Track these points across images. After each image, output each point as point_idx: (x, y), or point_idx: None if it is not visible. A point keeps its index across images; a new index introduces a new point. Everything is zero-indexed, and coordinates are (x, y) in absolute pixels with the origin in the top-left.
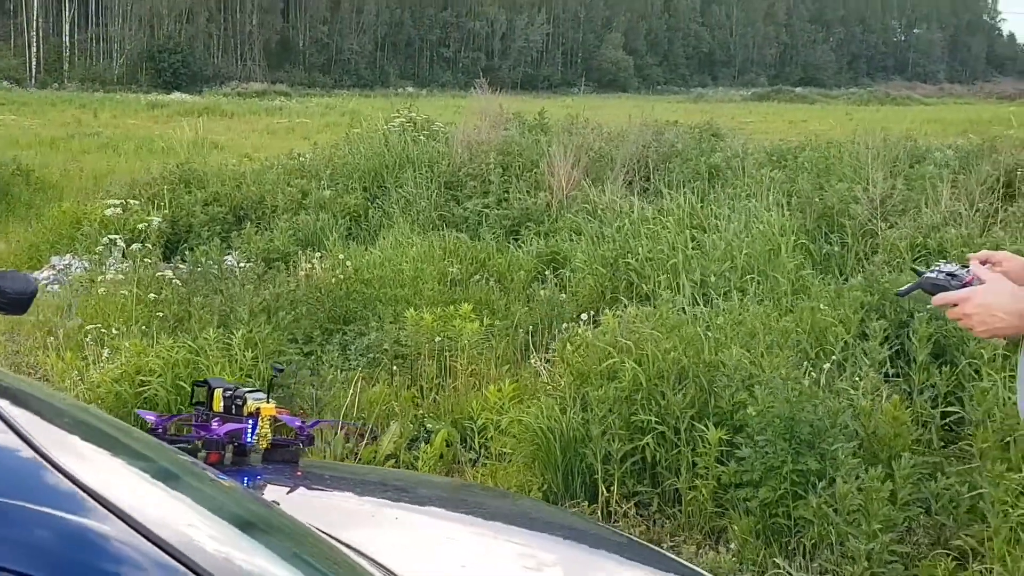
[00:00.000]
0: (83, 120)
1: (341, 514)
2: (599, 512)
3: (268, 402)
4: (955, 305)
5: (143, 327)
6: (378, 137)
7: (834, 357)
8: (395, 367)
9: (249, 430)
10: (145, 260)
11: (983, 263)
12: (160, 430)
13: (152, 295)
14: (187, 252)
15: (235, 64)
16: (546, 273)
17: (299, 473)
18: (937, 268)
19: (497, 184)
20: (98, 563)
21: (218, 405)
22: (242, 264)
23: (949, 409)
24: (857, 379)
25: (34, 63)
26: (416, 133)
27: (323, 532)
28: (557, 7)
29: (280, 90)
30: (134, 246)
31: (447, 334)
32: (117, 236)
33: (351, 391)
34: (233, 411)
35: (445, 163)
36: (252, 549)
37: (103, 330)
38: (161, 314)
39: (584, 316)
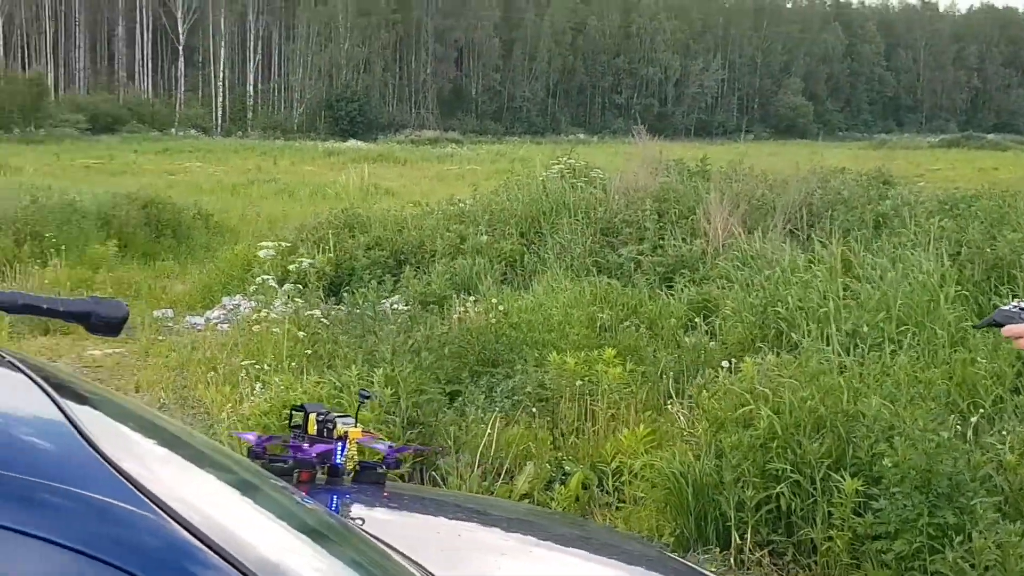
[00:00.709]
0: (263, 167)
1: (423, 534)
2: (731, 560)
3: (355, 426)
4: (1021, 337)
5: (293, 364)
6: (536, 183)
7: (982, 410)
8: (535, 409)
9: (338, 452)
10: (296, 300)
11: None
12: (259, 450)
13: (301, 333)
14: (346, 294)
15: (409, 112)
16: (696, 320)
17: (385, 495)
18: (1015, 304)
19: (652, 231)
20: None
21: (312, 428)
22: (395, 306)
23: None
24: (1005, 433)
25: (220, 112)
26: (575, 179)
27: (400, 552)
28: (733, 52)
29: (452, 137)
30: (286, 286)
31: (590, 378)
32: (269, 276)
33: (488, 430)
34: (324, 434)
35: (602, 209)
36: (315, 560)
37: (256, 366)
38: (309, 352)
39: (726, 363)
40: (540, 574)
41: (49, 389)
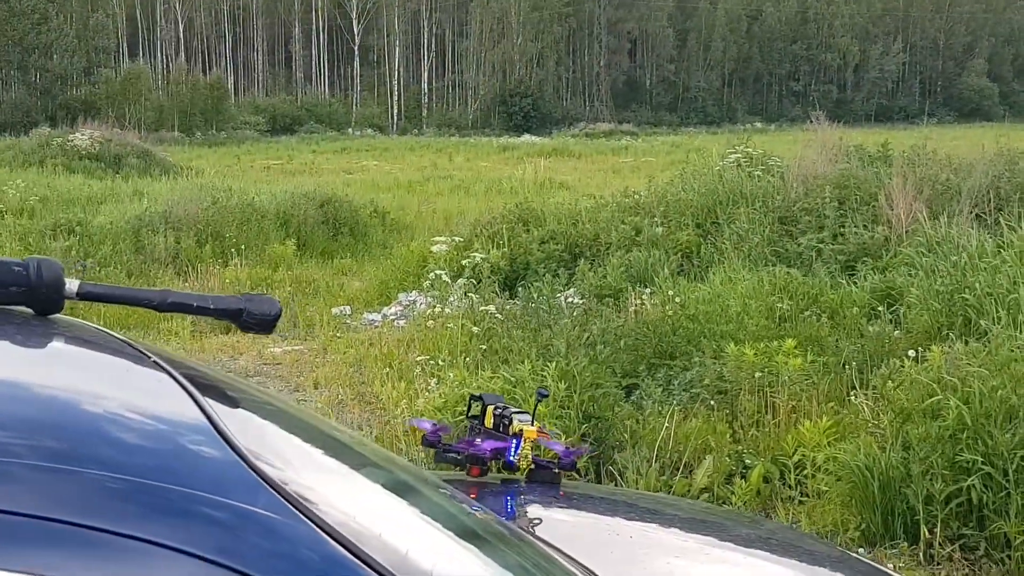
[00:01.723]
0: (438, 163)
1: (598, 536)
2: (920, 555)
3: (531, 425)
4: None
5: (467, 359)
6: (712, 173)
7: None
8: (714, 402)
9: (512, 449)
10: (470, 295)
11: None
12: (434, 438)
13: (475, 328)
14: (521, 289)
15: (583, 105)
16: (879, 309)
17: (561, 494)
18: None
19: (832, 218)
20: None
21: (489, 421)
22: (570, 300)
23: None
24: None
25: (395, 111)
26: (752, 168)
27: (570, 556)
28: (914, 35)
29: (627, 130)
30: (459, 281)
31: (770, 370)
32: (443, 271)
33: (666, 424)
34: (500, 428)
35: (779, 198)
36: (477, 568)
37: (431, 362)
38: (484, 347)
39: (911, 352)
40: None
41: (192, 389)
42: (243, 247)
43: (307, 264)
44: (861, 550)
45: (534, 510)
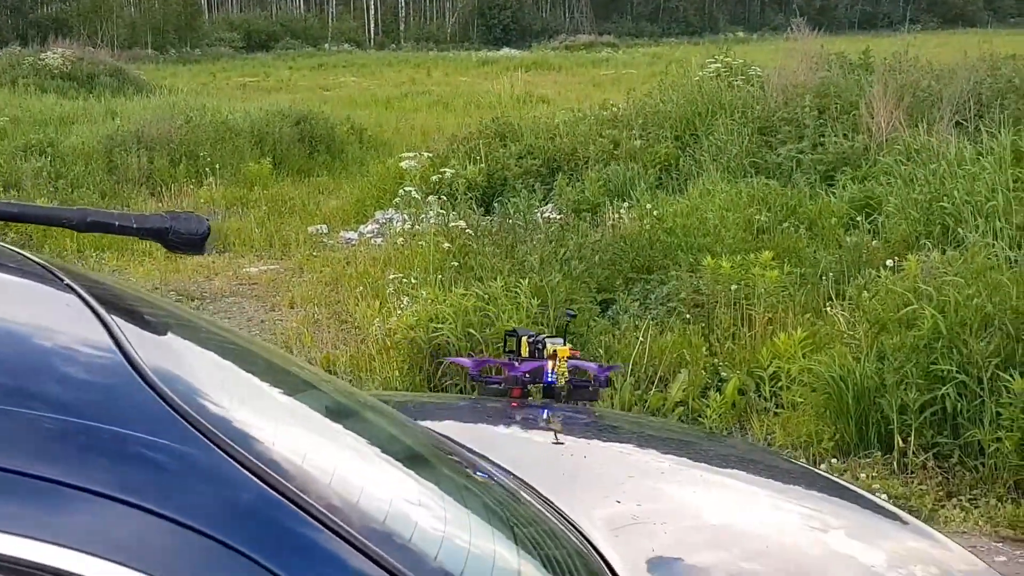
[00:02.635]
0: (417, 79)
1: (625, 460)
2: (894, 464)
3: (564, 345)
4: None
5: (440, 277)
6: (691, 84)
7: None
8: (690, 315)
9: (549, 370)
10: (442, 211)
11: None
12: (476, 373)
13: (447, 245)
14: (497, 205)
15: (563, 17)
16: (858, 219)
17: (595, 416)
18: None
19: (812, 128)
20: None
21: (525, 350)
22: (547, 215)
23: None
24: None
25: (372, 25)
26: (732, 78)
27: (522, 480)
28: None
29: (607, 41)
30: (431, 198)
31: (746, 282)
32: (412, 188)
33: (641, 338)
34: (536, 355)
35: (759, 108)
36: (396, 488)
37: (404, 280)
38: (456, 264)
39: (889, 262)
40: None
41: (103, 313)
42: (218, 166)
43: (283, 183)
44: (835, 460)
45: (565, 428)
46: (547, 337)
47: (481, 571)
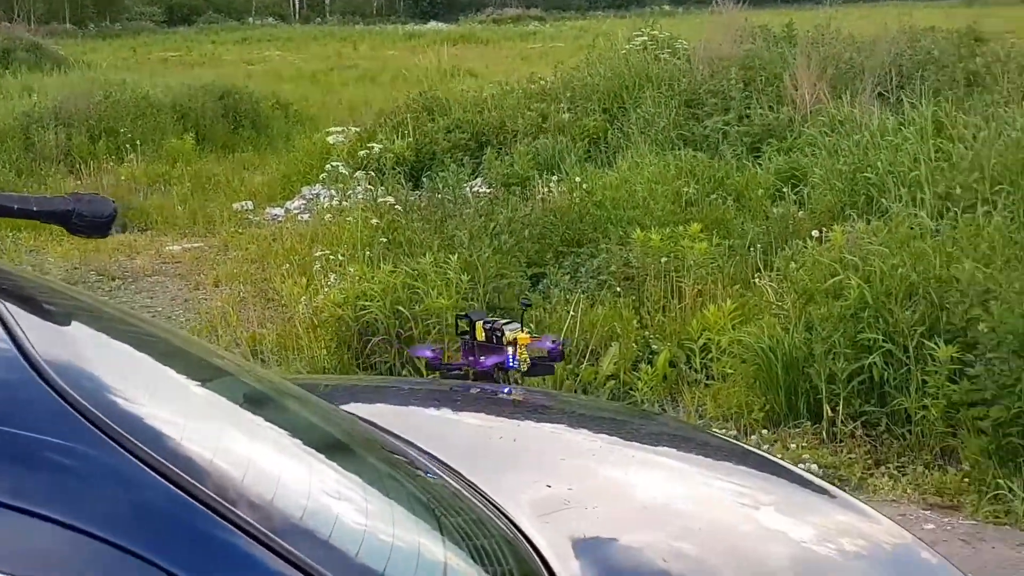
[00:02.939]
0: (343, 53)
1: (556, 441)
2: (823, 433)
3: (523, 331)
4: None
5: (368, 253)
6: (618, 57)
7: None
8: (620, 288)
9: (510, 357)
10: (374, 187)
11: None
12: (436, 362)
13: (375, 221)
14: (426, 179)
15: None
16: (784, 190)
17: (525, 396)
18: None
19: (738, 100)
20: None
21: (481, 335)
22: (477, 189)
23: None
24: None
25: None
26: (658, 51)
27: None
28: None
29: (534, 15)
30: (358, 173)
31: (676, 254)
32: (339, 163)
33: (572, 312)
34: (494, 340)
35: (685, 80)
36: (311, 480)
37: (332, 256)
38: (385, 240)
39: (815, 233)
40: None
41: None
42: (139, 143)
43: (207, 159)
44: (765, 431)
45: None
46: (504, 323)
47: (405, 566)
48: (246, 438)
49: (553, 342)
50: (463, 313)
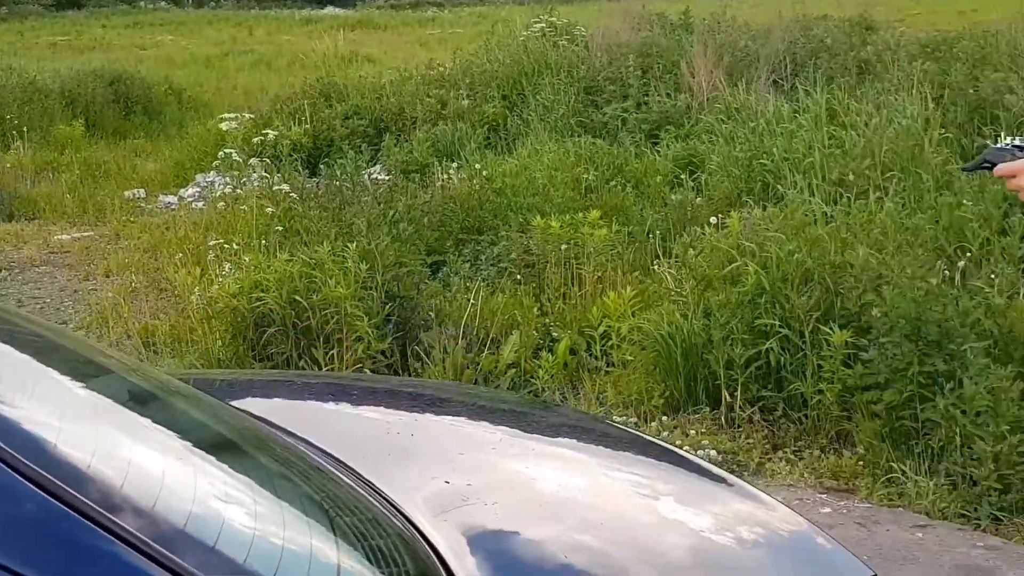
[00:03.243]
0: (238, 38)
1: (455, 434)
2: (722, 418)
3: None
4: (1014, 177)
5: (264, 242)
6: (517, 43)
7: (970, 254)
8: (520, 276)
9: None
10: (270, 175)
11: None
12: None
13: (270, 209)
14: (324, 167)
15: None
16: (682, 177)
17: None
18: (1008, 141)
19: (636, 87)
20: None
21: None
22: (375, 176)
23: None
24: (993, 276)
25: None
26: (556, 38)
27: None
28: None
29: (433, 0)
30: (252, 160)
31: (576, 241)
32: (233, 150)
33: (472, 300)
34: None
35: (584, 67)
36: (195, 483)
37: (225, 246)
38: (280, 228)
39: (713, 219)
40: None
41: None
42: (26, 129)
43: (97, 145)
44: (665, 418)
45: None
46: None
47: (296, 570)
48: (128, 440)
49: None
50: None
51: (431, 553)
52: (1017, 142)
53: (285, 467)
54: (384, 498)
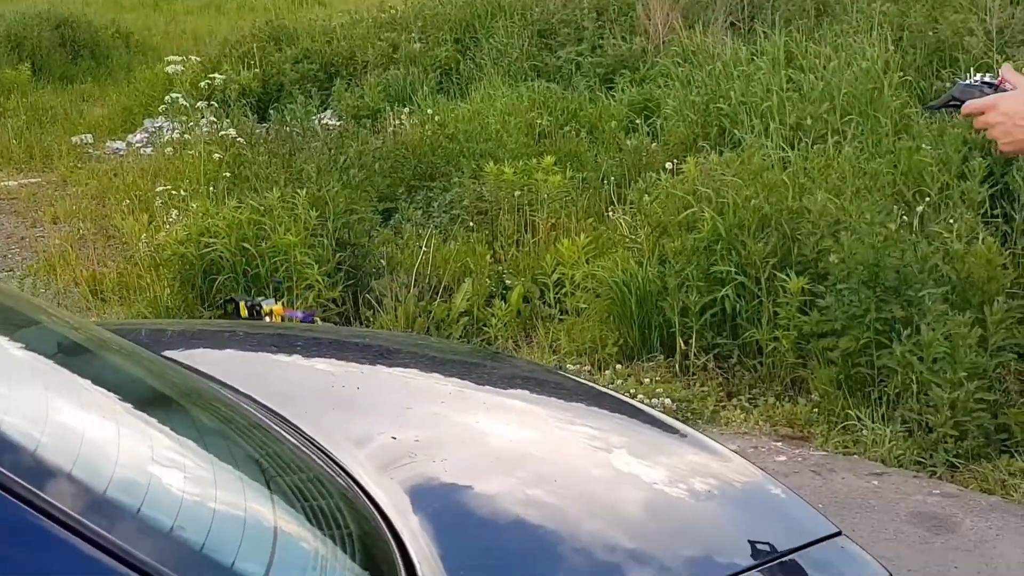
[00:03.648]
0: None
1: (404, 387)
2: (676, 366)
3: (276, 304)
4: (982, 114)
5: (212, 188)
6: None
7: (928, 199)
8: (473, 223)
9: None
10: (213, 120)
11: None
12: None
13: (218, 155)
14: (273, 112)
15: None
16: (637, 122)
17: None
18: (978, 77)
19: (591, 30)
20: None
21: (244, 313)
22: (325, 122)
23: None
24: (952, 221)
25: None
26: None
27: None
28: None
29: None
30: (200, 104)
31: (529, 188)
32: (179, 95)
33: (424, 248)
34: (254, 315)
35: (538, 10)
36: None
37: (173, 192)
38: (228, 175)
39: (669, 165)
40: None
41: None
42: None
43: (43, 90)
44: (619, 366)
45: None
46: (263, 300)
47: (229, 535)
48: (48, 396)
49: (304, 312)
50: (231, 298)
51: (375, 512)
52: (988, 79)
53: (222, 424)
54: (327, 455)
